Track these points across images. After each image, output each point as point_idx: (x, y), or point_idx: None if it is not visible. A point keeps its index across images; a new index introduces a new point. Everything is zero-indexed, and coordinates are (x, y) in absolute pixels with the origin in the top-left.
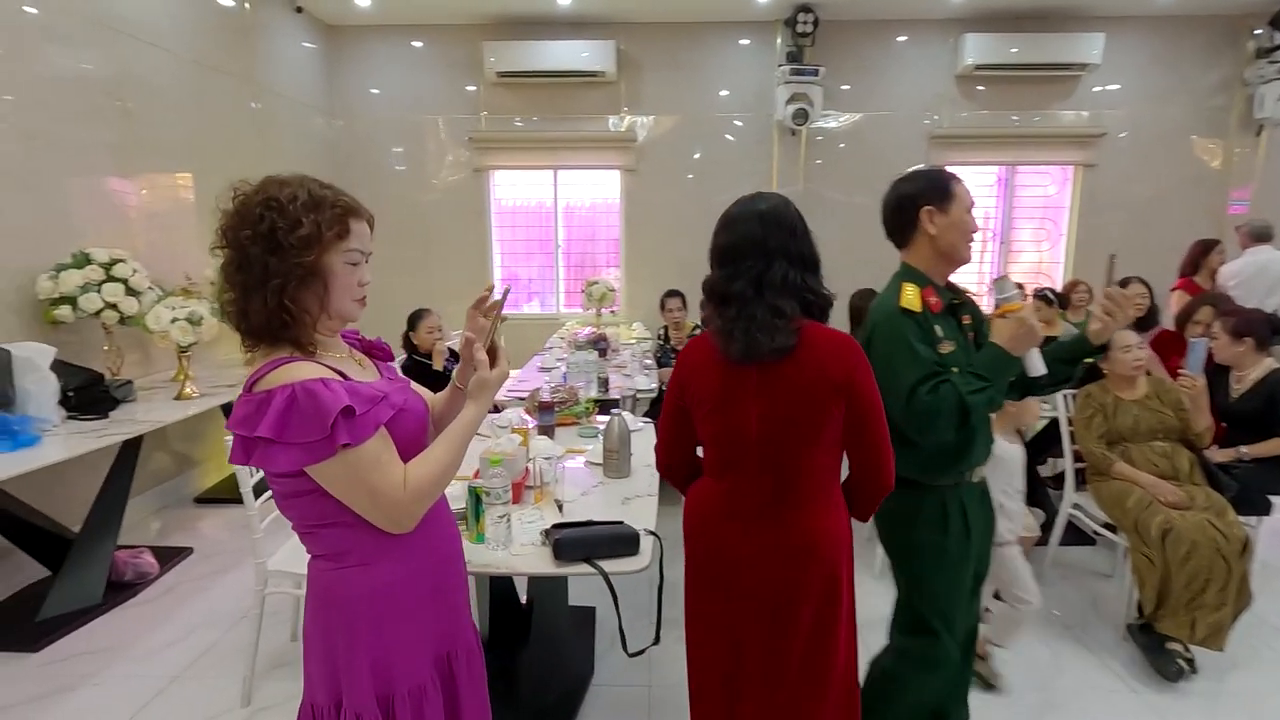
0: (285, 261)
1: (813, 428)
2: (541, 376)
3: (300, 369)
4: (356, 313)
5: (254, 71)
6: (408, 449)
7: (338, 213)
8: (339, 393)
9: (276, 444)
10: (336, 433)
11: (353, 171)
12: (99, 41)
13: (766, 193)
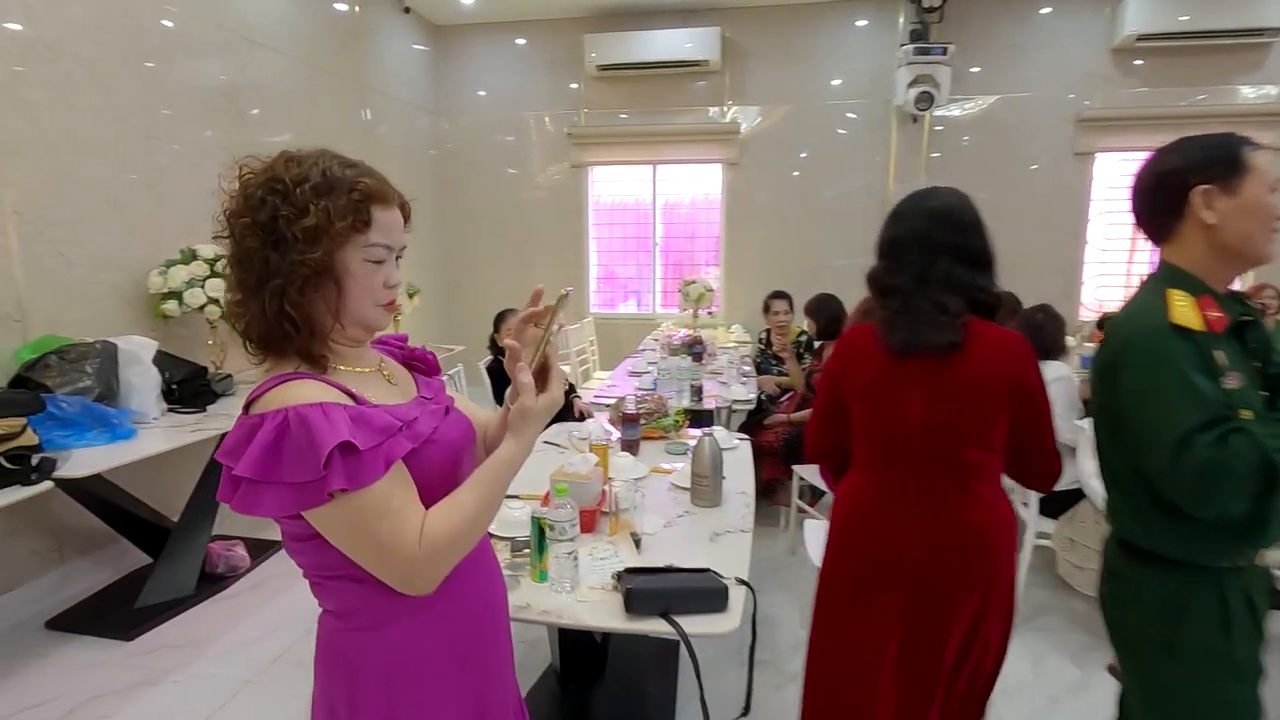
0: (287, 258)
1: (979, 427)
2: (631, 382)
3: (300, 389)
4: (381, 320)
5: (362, 73)
6: (436, 487)
7: (356, 198)
8: (337, 423)
9: (261, 483)
10: (330, 474)
11: (455, 169)
12: (218, 45)
13: (940, 188)
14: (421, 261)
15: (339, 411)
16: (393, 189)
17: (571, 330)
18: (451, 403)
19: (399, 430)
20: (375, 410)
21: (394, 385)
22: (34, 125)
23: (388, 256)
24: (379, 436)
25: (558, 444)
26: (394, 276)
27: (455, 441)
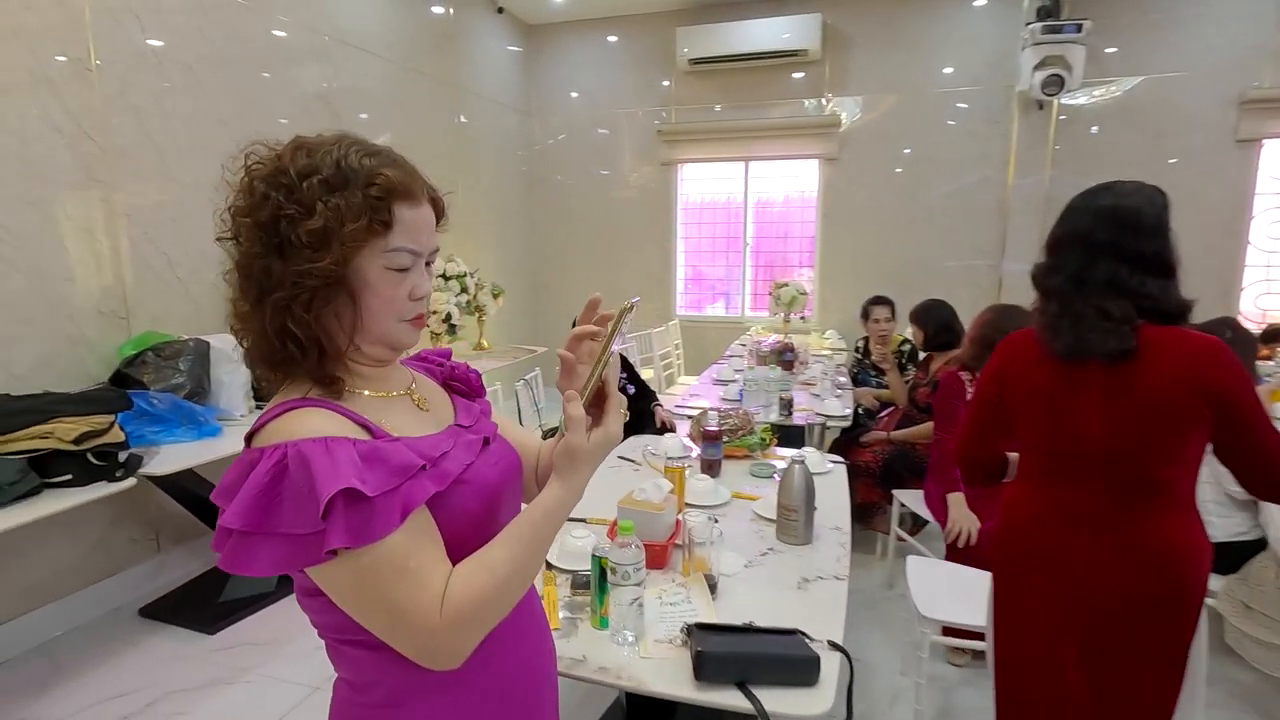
0: (291, 266)
1: (1172, 441)
2: (715, 392)
3: (304, 420)
4: (407, 337)
5: (456, 74)
6: (468, 537)
7: (374, 194)
8: (341, 463)
9: (254, 535)
10: (330, 527)
11: (544, 168)
12: (315, 50)
13: (1121, 184)
14: (508, 262)
15: (345, 448)
16: (421, 181)
17: (656, 333)
18: (494, 431)
19: (420, 470)
20: (394, 445)
21: (425, 411)
22: (141, 131)
23: (414, 263)
24: (395, 479)
25: (632, 460)
26: (423, 286)
27: (493, 481)
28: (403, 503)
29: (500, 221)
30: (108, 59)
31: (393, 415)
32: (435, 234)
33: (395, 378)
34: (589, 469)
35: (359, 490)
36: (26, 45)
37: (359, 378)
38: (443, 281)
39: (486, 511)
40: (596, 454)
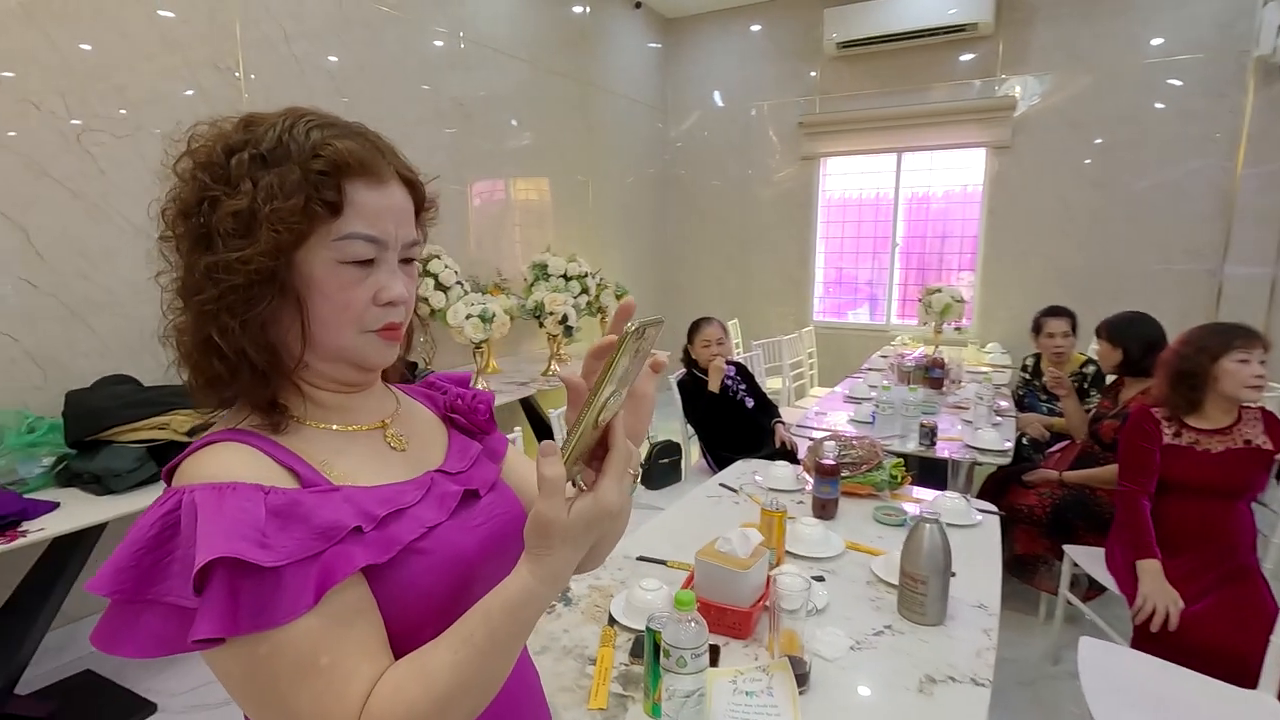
0: (216, 258)
1: None
2: (846, 411)
3: (215, 457)
4: (375, 353)
5: (591, 73)
6: (422, 626)
7: (316, 168)
8: (230, 519)
9: (126, 602)
10: (203, 606)
11: (678, 166)
12: (450, 52)
13: None
14: (636, 262)
15: (248, 499)
16: (387, 156)
17: (788, 340)
18: (492, 480)
19: (351, 534)
20: (326, 498)
21: (399, 451)
22: None
23: (378, 256)
24: (314, 543)
25: (733, 488)
26: (393, 288)
27: (466, 550)
28: (320, 576)
29: (629, 221)
30: (254, 68)
31: (350, 456)
32: (412, 224)
33: (367, 407)
34: (569, 551)
35: (241, 562)
36: (182, 59)
37: (315, 406)
38: (563, 282)
39: (453, 591)
40: (577, 531)
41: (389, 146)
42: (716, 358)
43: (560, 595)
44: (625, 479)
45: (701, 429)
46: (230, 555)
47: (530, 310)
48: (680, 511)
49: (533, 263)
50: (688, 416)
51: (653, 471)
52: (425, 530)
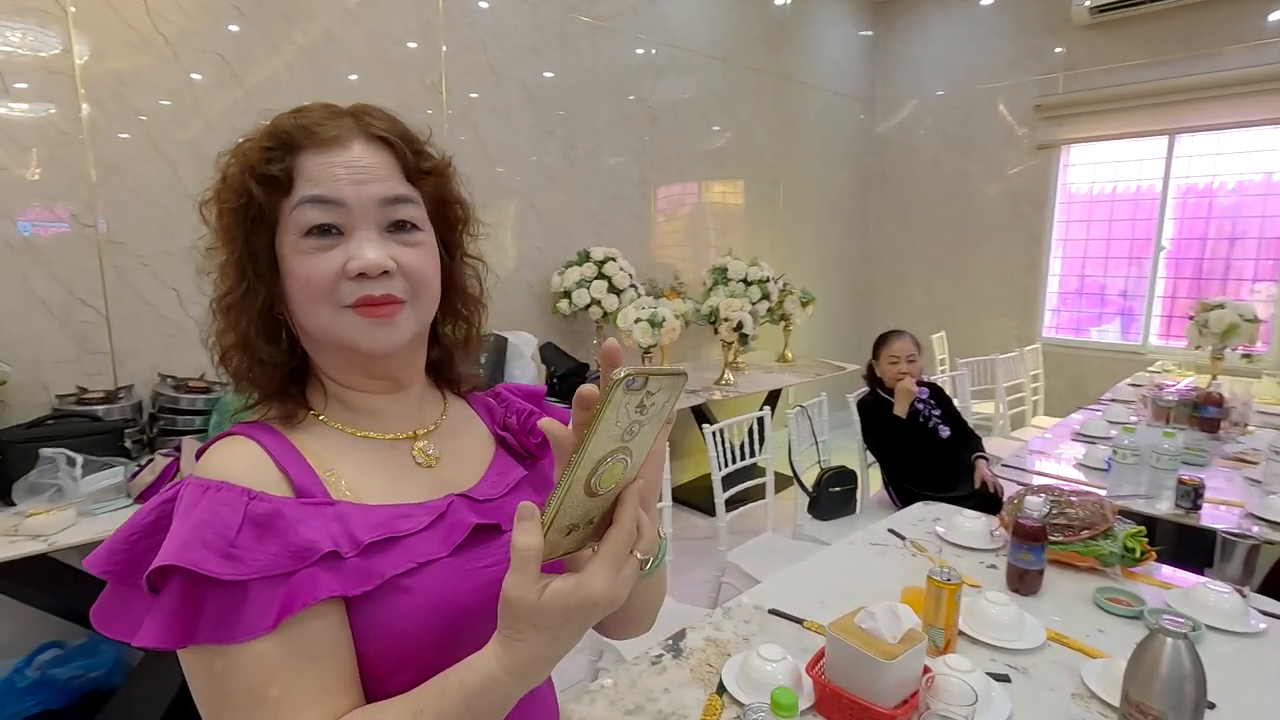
0: (214, 249)
1: None
2: (1074, 453)
3: (223, 451)
4: (358, 332)
5: (790, 67)
6: (400, 668)
7: (264, 146)
8: (196, 523)
9: (123, 585)
10: (154, 610)
11: (886, 162)
12: (639, 54)
13: None
14: (832, 266)
15: (228, 502)
16: (345, 119)
17: (1004, 359)
18: None
19: (323, 558)
20: (315, 511)
21: (426, 468)
22: (477, 140)
23: (340, 220)
24: (286, 561)
25: (901, 536)
26: (361, 256)
27: (458, 594)
28: (284, 599)
29: (824, 222)
30: (455, 81)
31: (363, 466)
32: (391, 181)
33: (400, 413)
34: (541, 640)
35: (193, 572)
36: (394, 74)
37: (341, 406)
38: (742, 287)
39: (438, 638)
40: (551, 619)
41: (366, 109)
42: (905, 377)
43: (674, 647)
44: (627, 563)
45: (884, 457)
46: (183, 564)
47: (705, 316)
48: (839, 556)
49: (712, 266)
50: (867, 442)
51: (821, 500)
52: (415, 565)
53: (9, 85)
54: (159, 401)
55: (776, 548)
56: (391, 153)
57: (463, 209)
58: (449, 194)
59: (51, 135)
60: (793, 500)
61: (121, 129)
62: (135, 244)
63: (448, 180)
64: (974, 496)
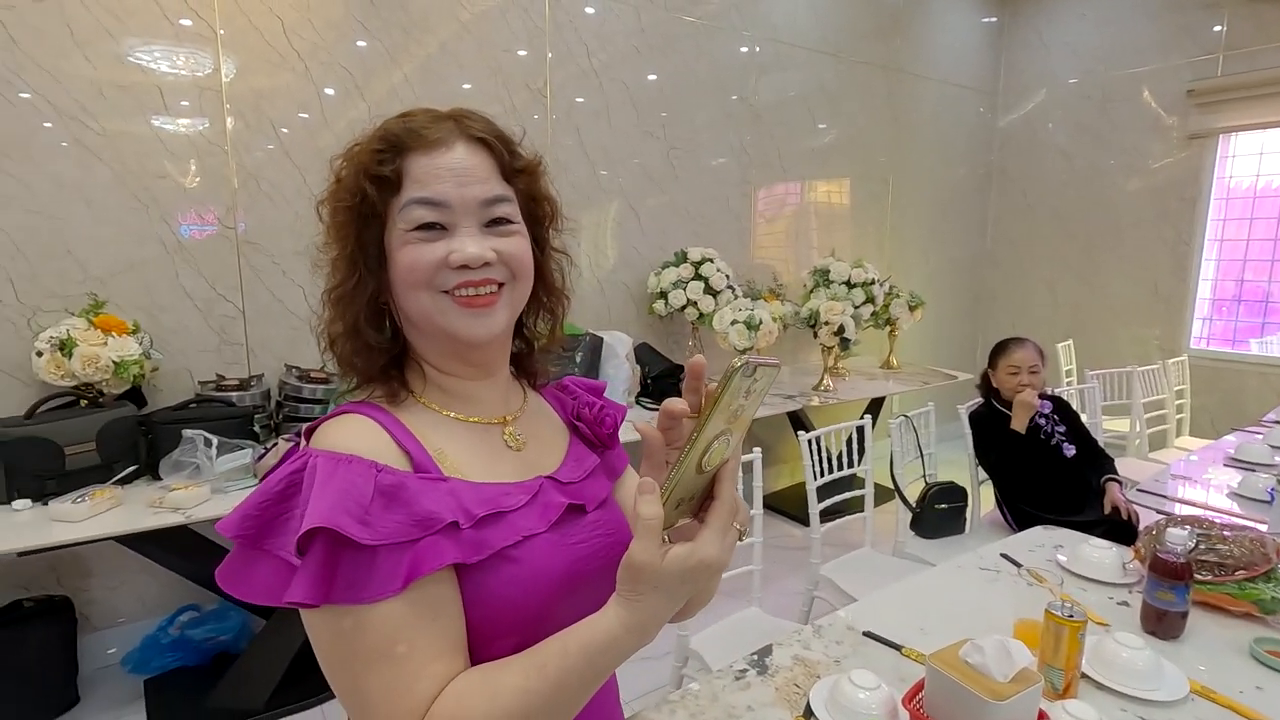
0: (328, 244)
1: None
2: (1228, 480)
3: (342, 427)
4: (455, 318)
5: (900, 59)
6: (500, 636)
7: (375, 148)
8: (337, 491)
9: (247, 548)
10: (300, 571)
11: (1010, 158)
12: (741, 51)
13: None
14: (940, 269)
15: (360, 475)
16: (448, 122)
17: (1144, 372)
18: (603, 497)
19: (446, 527)
20: (433, 486)
21: (515, 451)
22: (579, 143)
23: (445, 219)
24: (411, 530)
25: (1016, 563)
26: (463, 249)
27: (558, 566)
28: (411, 564)
29: (940, 221)
30: (559, 86)
31: (464, 447)
32: (490, 182)
33: (490, 399)
34: (660, 600)
35: (339, 534)
36: (502, 81)
37: (438, 390)
38: (844, 289)
39: (538, 606)
40: (670, 581)
41: (465, 113)
42: (1025, 390)
43: (759, 663)
44: (729, 533)
45: (998, 475)
46: (332, 527)
47: (805, 319)
48: (944, 579)
49: (814, 268)
50: (979, 457)
51: (926, 517)
52: (520, 538)
53: (171, 103)
54: (284, 390)
55: (874, 564)
56: (490, 153)
57: (550, 205)
58: (539, 191)
59: (203, 147)
60: (894, 515)
61: (259, 140)
62: (268, 244)
63: (538, 178)
64: (1103, 523)
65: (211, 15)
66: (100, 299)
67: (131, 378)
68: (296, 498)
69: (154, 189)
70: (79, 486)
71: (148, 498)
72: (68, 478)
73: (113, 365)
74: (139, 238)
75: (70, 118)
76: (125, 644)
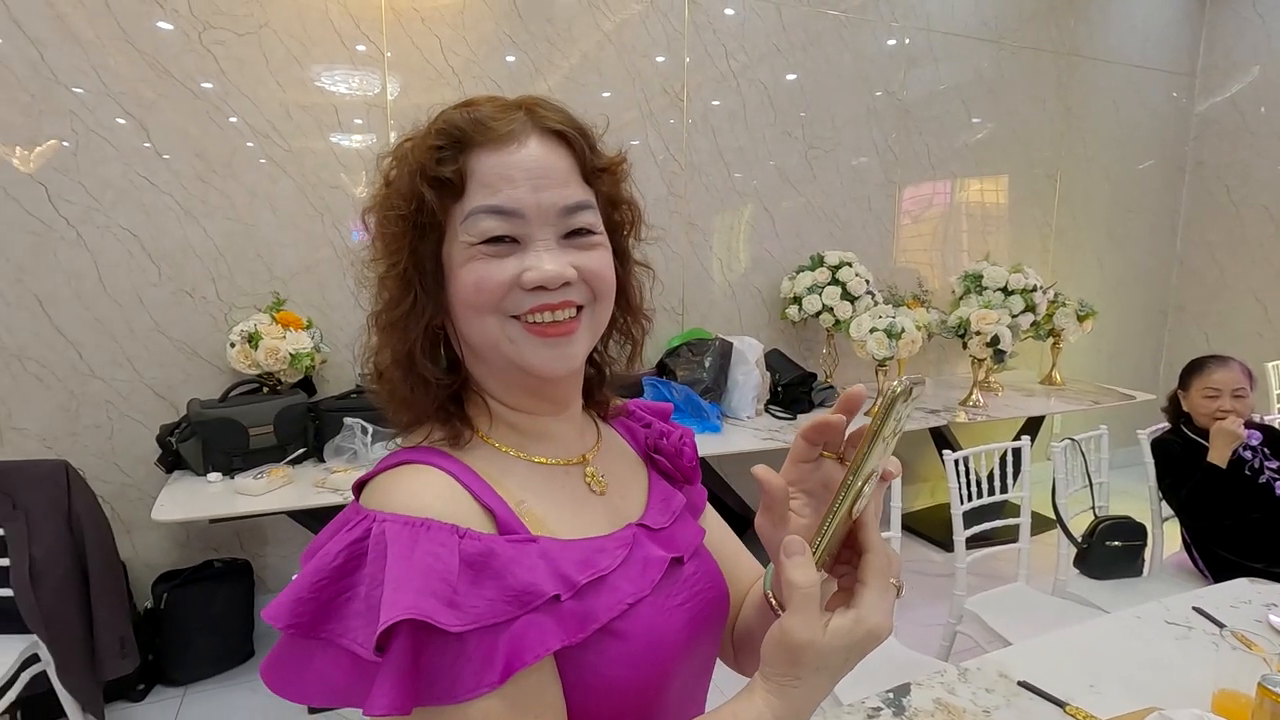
0: (373, 254)
1: None
2: None
3: (407, 481)
4: (528, 349)
5: (1074, 42)
6: (610, 713)
7: (432, 145)
8: (421, 568)
9: (300, 637)
10: (382, 670)
11: (1211, 150)
12: (890, 43)
13: None
14: (1118, 275)
15: (442, 543)
16: (518, 113)
17: None
18: (697, 542)
19: (548, 602)
20: (522, 550)
21: (598, 495)
22: (714, 145)
23: (517, 231)
24: (506, 608)
25: (1216, 621)
26: (539, 267)
27: (670, 633)
28: (509, 651)
29: (1119, 222)
30: (696, 89)
31: (545, 496)
32: (570, 185)
33: (566, 436)
34: (821, 682)
35: (429, 624)
36: (640, 87)
37: (508, 428)
38: (1000, 296)
39: (645, 684)
40: (835, 658)
41: (538, 101)
42: (1228, 417)
43: (895, 703)
44: (889, 593)
45: (1188, 513)
46: (420, 617)
47: (953, 328)
48: (1119, 629)
49: (964, 273)
50: (1164, 492)
51: (1094, 554)
52: (625, 607)
53: (345, 120)
54: None
55: (1030, 603)
56: (569, 149)
57: (632, 210)
58: (620, 195)
59: (370, 160)
60: (1054, 549)
61: None
62: None
63: (621, 180)
64: None
65: (380, 39)
66: (281, 298)
67: (304, 369)
68: (359, 572)
69: (328, 199)
70: (259, 464)
71: (313, 478)
72: (250, 456)
73: (289, 357)
74: (315, 243)
75: (264, 136)
76: None
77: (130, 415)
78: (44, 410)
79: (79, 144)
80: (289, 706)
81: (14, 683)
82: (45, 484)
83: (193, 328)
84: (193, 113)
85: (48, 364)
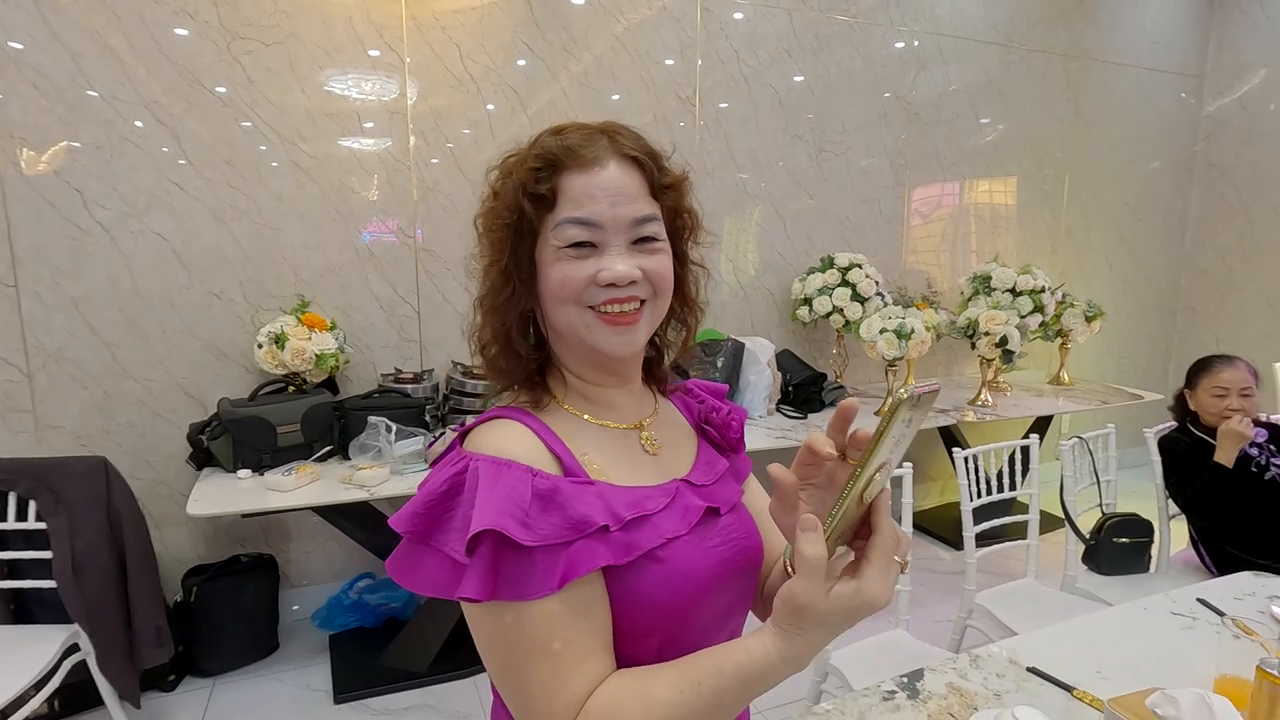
0: (482, 255)
1: None
2: None
3: (497, 432)
4: (601, 334)
5: (1083, 44)
6: (645, 635)
7: (532, 168)
8: (502, 496)
9: (416, 544)
10: (470, 568)
11: (1220, 150)
12: (898, 47)
13: None
14: (1126, 277)
15: (519, 479)
16: (612, 141)
17: None
18: (734, 499)
19: (598, 531)
20: (582, 490)
21: (652, 455)
22: (726, 148)
23: (596, 238)
24: (566, 532)
25: (1218, 610)
26: (612, 268)
27: (700, 568)
28: (567, 565)
29: (1127, 223)
30: (708, 92)
31: (606, 452)
32: (640, 201)
33: (626, 405)
34: (820, 635)
35: (505, 536)
36: (652, 91)
37: (579, 396)
38: (1009, 297)
39: (680, 606)
40: (835, 619)
41: (618, 129)
42: (1235, 416)
43: (909, 686)
44: (892, 568)
45: (1195, 510)
46: (498, 529)
47: (961, 329)
48: (1125, 620)
49: (973, 274)
50: (1171, 490)
51: (1102, 550)
52: (665, 540)
53: (361, 125)
54: (451, 384)
55: (1039, 597)
56: (640, 171)
57: (691, 218)
58: (683, 205)
59: (388, 163)
60: (1061, 545)
61: (436, 156)
62: (442, 251)
63: (684, 194)
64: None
65: (401, 47)
66: (306, 300)
67: (329, 369)
68: (459, 498)
69: (350, 202)
70: (286, 462)
71: (339, 474)
72: (278, 453)
73: (315, 357)
74: (338, 246)
75: (289, 143)
76: (314, 602)
77: (161, 414)
78: (80, 409)
79: (113, 151)
80: (313, 694)
81: (56, 671)
82: (86, 480)
83: (221, 329)
84: (222, 120)
85: (83, 364)
